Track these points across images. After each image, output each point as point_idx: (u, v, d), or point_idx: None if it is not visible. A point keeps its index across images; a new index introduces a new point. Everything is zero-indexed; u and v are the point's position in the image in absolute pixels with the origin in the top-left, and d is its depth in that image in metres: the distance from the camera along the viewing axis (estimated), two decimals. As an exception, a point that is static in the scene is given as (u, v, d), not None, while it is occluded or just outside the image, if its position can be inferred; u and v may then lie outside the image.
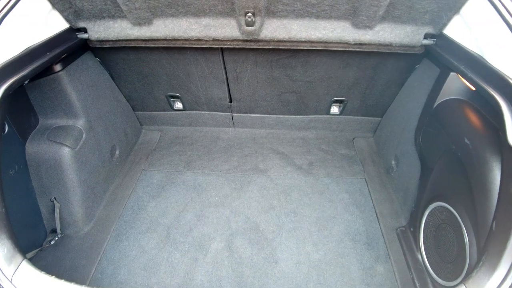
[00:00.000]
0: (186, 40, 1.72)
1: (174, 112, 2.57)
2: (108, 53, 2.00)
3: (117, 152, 2.27)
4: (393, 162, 2.20)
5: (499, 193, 1.20)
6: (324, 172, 2.32)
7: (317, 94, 2.32)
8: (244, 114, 2.56)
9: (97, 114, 2.01)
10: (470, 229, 1.34)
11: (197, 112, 2.58)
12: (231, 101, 2.44)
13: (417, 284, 1.63)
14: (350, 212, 2.05)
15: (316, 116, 2.54)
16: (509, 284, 1.07)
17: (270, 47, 1.75)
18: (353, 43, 1.67)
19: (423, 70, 1.88)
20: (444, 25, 1.54)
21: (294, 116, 2.55)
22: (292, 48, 1.76)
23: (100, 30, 1.71)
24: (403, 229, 1.89)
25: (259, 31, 1.63)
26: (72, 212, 1.87)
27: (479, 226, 1.28)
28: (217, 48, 1.93)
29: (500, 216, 1.16)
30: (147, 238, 1.92)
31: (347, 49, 1.74)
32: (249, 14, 1.53)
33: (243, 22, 1.59)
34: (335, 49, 1.75)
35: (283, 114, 2.55)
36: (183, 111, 2.57)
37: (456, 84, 1.58)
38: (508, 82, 1.17)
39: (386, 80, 2.13)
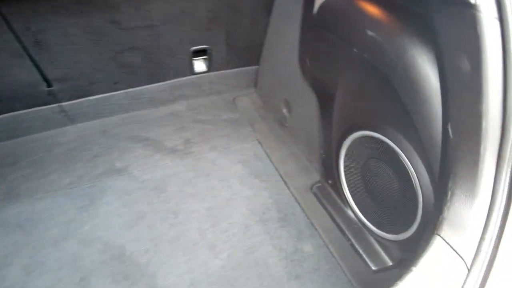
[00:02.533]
0: None
1: None
2: None
3: None
4: (284, 111, 1.74)
5: (443, 82, 0.78)
6: (206, 147, 1.73)
7: (168, 45, 1.69)
8: (79, 100, 1.76)
9: None
10: (411, 152, 0.92)
11: (13, 114, 1.68)
12: (49, 85, 1.62)
13: (359, 250, 1.20)
14: (249, 185, 1.51)
15: (179, 79, 1.91)
16: (502, 201, 0.65)
17: None
18: None
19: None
20: None
21: (149, 86, 1.87)
22: None
23: None
24: (319, 184, 1.45)
25: None
26: None
27: (425, 143, 0.86)
28: None
29: (457, 108, 0.74)
30: None
31: None
32: None
33: None
34: None
35: (134, 87, 1.84)
36: None
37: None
38: None
39: (251, 7, 1.63)
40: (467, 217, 0.69)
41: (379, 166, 1.08)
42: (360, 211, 1.24)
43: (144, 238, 1.31)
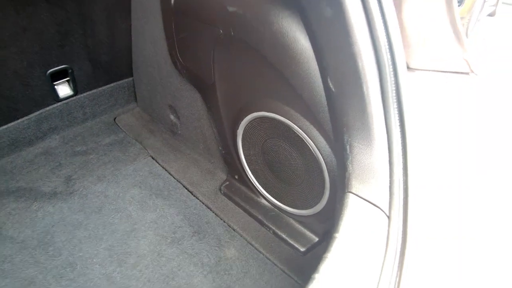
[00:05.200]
0: None
1: None
2: None
3: None
4: (172, 117, 1.60)
5: (312, 38, 0.76)
6: (92, 179, 1.47)
7: (16, 72, 1.38)
8: None
9: None
10: (301, 120, 0.88)
11: None
12: None
13: (283, 235, 1.14)
14: (151, 207, 1.32)
15: (43, 110, 1.59)
16: (398, 140, 0.64)
17: None
18: None
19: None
20: None
21: (7, 126, 1.51)
22: None
23: None
24: (227, 183, 1.35)
25: None
26: None
27: (311, 105, 0.83)
28: None
29: (333, 65, 0.71)
30: None
31: None
32: None
33: None
34: None
35: None
36: None
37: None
38: None
39: (105, 12, 1.44)
40: (371, 165, 0.67)
41: (277, 144, 1.03)
42: (272, 197, 1.18)
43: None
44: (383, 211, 0.63)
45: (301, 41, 0.79)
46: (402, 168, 0.63)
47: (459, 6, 4.33)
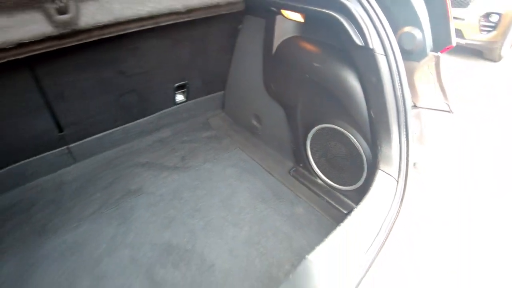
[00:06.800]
0: None
1: None
2: None
3: None
4: (254, 123, 2.30)
5: (363, 86, 1.43)
6: (200, 160, 2.20)
7: (158, 85, 2.13)
8: (83, 141, 2.07)
9: None
10: (351, 129, 1.56)
11: (21, 164, 1.90)
12: (61, 130, 1.91)
13: (332, 203, 1.80)
14: (245, 179, 2.03)
15: (163, 111, 2.34)
16: (403, 143, 1.31)
17: (94, 38, 1.43)
18: (183, 10, 1.58)
19: (249, 27, 2.01)
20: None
21: (139, 121, 2.26)
22: (120, 33, 1.50)
23: None
24: (295, 168, 2.03)
25: (76, 18, 1.29)
26: None
27: (360, 123, 1.50)
28: (23, 64, 1.44)
29: (374, 103, 1.39)
30: None
31: (177, 21, 1.63)
32: (59, -3, 1.18)
33: (53, 11, 1.22)
34: (166, 23, 1.60)
35: (128, 122, 2.21)
36: (2, 170, 1.84)
37: (285, 25, 1.76)
38: (337, 1, 1.36)
39: (217, 48, 2.17)
40: (390, 155, 1.33)
41: (334, 144, 1.71)
42: (326, 178, 1.85)
43: (182, 232, 1.73)
44: (394, 178, 1.30)
45: (357, 88, 1.46)
46: (405, 157, 1.30)
47: (491, 31, 4.88)
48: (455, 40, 1.31)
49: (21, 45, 1.24)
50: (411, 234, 1.27)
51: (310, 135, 1.82)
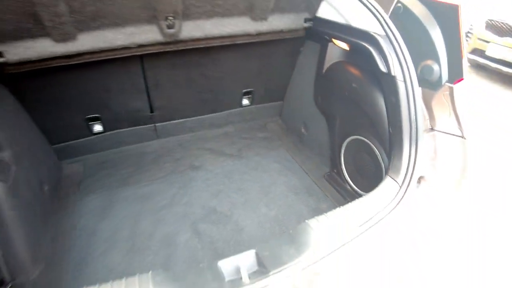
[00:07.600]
0: (111, 50, 1.82)
1: (94, 136, 2.51)
2: (21, 81, 1.90)
3: (46, 187, 2.10)
4: (302, 130, 2.68)
5: (386, 106, 1.73)
6: (252, 153, 2.64)
7: (230, 89, 2.65)
8: (166, 122, 2.69)
9: (20, 146, 1.86)
10: (375, 142, 1.85)
11: (117, 131, 2.58)
12: (152, 111, 2.55)
13: None
14: (284, 175, 2.41)
15: (231, 111, 2.86)
16: (412, 156, 1.56)
17: (188, 47, 2.01)
18: (255, 33, 2.07)
19: (307, 50, 2.43)
20: (316, 9, 2.09)
21: (212, 115, 2.82)
22: (206, 46, 2.05)
23: (20, 52, 1.65)
24: (329, 173, 2.35)
25: (178, 32, 1.87)
26: (17, 255, 1.68)
27: (382, 137, 1.79)
28: (137, 57, 2.07)
29: (392, 120, 1.68)
30: (110, 257, 1.85)
31: (250, 41, 2.14)
32: (170, 17, 1.77)
33: (164, 26, 1.81)
34: (240, 42, 2.12)
35: (202, 115, 2.78)
36: (103, 134, 2.53)
37: (335, 51, 2.14)
38: (370, 35, 1.71)
39: (280, 65, 2.62)
40: (399, 166, 1.60)
41: (362, 155, 2.00)
42: (354, 184, 2.13)
43: (226, 202, 2.18)
44: (398, 183, 1.56)
45: (383, 107, 1.76)
46: (412, 169, 1.55)
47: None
48: (466, 74, 1.53)
49: (140, 46, 1.85)
50: (410, 232, 1.52)
51: (344, 144, 2.13)
